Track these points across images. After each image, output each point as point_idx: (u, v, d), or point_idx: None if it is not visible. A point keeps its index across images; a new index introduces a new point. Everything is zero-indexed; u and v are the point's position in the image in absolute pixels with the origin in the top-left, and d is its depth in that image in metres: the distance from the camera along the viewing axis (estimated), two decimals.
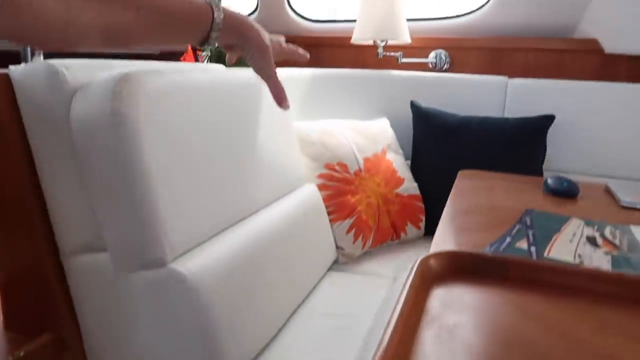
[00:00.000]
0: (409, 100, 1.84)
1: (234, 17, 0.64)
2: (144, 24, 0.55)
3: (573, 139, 1.76)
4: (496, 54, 2.04)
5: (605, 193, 1.16)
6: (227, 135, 1.07)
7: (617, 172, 1.72)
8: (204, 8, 0.61)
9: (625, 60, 1.87)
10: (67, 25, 0.47)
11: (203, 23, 0.61)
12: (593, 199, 1.10)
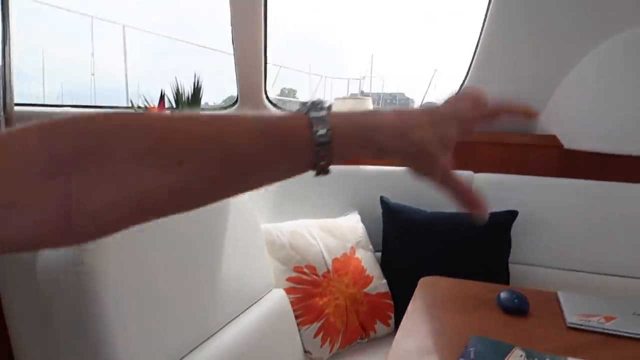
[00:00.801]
0: (380, 194, 1.91)
1: (356, 125, 0.44)
2: (194, 183, 0.37)
3: (536, 233, 1.83)
4: (463, 147, 2.13)
5: (555, 307, 1.21)
6: (188, 257, 1.12)
7: (577, 265, 1.77)
8: (295, 124, 0.41)
9: (584, 155, 1.97)
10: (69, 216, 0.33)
11: (298, 147, 0.41)
12: (542, 316, 1.15)
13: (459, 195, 0.48)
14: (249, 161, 0.39)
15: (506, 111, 0.53)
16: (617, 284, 1.73)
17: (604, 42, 1.81)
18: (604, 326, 1.07)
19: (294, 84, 17.44)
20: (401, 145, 0.44)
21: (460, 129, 0.48)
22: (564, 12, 1.78)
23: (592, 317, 1.11)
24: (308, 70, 14.22)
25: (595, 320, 1.10)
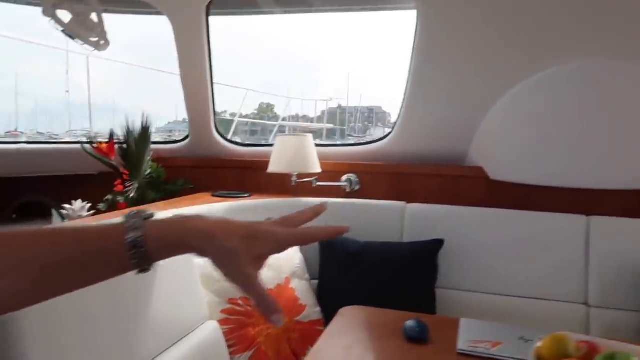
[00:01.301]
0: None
1: (167, 230, 0.52)
2: (24, 286, 0.48)
3: (462, 260, 1.96)
4: (399, 178, 2.28)
5: (454, 333, 1.33)
6: (119, 290, 1.21)
7: (500, 289, 1.91)
8: (112, 232, 0.50)
9: (508, 186, 2.13)
10: None
11: (114, 252, 0.50)
12: (439, 343, 1.27)
13: (256, 303, 0.52)
14: (67, 267, 0.49)
15: (319, 235, 0.57)
16: (534, 306, 1.87)
17: (523, 81, 1.97)
18: (489, 351, 1.20)
19: (273, 99, 17.65)
20: (210, 249, 0.51)
21: (272, 247, 0.54)
22: (487, 52, 1.94)
23: (481, 343, 1.24)
24: (284, 91, 14.37)
25: (482, 346, 1.22)
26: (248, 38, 13.18)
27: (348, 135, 19.65)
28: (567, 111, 1.92)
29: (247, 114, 20.55)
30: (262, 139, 10.35)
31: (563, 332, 1.00)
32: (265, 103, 20.97)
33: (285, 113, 12.38)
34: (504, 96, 2.03)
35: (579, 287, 1.86)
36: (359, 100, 22.62)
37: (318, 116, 15.10)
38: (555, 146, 1.96)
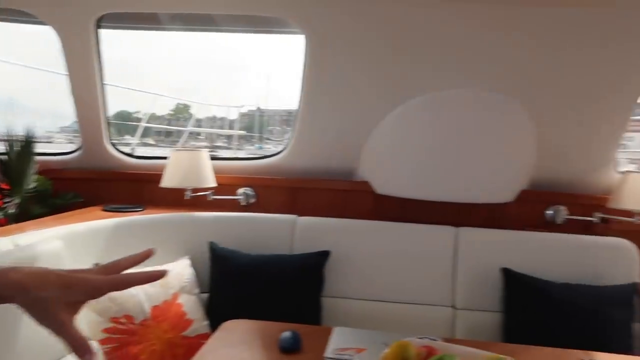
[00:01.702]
0: (210, 240, 2.07)
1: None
2: None
3: (347, 270, 2.09)
4: (293, 192, 2.39)
5: (326, 342, 1.44)
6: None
7: (380, 295, 2.06)
8: None
9: (392, 200, 2.30)
10: None
11: None
12: (310, 352, 1.37)
13: (70, 347, 0.55)
14: None
15: (135, 281, 0.61)
16: (410, 310, 2.04)
17: (403, 104, 2.14)
18: (352, 358, 1.32)
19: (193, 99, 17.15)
20: (22, 300, 0.56)
21: (87, 294, 0.59)
22: (371, 76, 2.08)
23: (347, 351, 1.35)
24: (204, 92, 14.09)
25: (348, 353, 1.34)
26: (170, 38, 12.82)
27: (266, 139, 19.68)
28: (438, 133, 2.11)
29: (163, 115, 19.75)
30: (177, 141, 10.10)
31: (407, 339, 1.13)
32: (182, 104, 20.39)
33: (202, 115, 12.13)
34: (385, 118, 2.18)
35: (447, 292, 2.06)
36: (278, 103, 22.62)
37: (238, 118, 14.93)
38: (430, 164, 2.16)
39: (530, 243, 2.08)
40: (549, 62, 1.93)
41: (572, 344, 1.55)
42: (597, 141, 2.15)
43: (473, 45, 1.91)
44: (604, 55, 1.88)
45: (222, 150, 12.14)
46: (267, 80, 16.38)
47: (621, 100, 2.02)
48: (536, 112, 2.05)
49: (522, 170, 2.21)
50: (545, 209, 2.28)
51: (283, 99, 14.01)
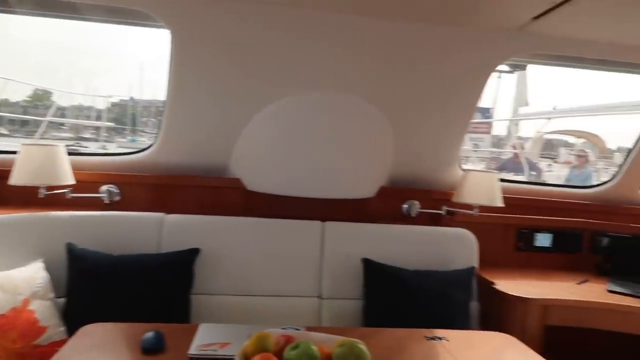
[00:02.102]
0: (68, 241, 1.94)
1: None
2: None
3: (218, 266, 2.10)
4: (161, 190, 2.32)
5: (191, 339, 1.44)
6: None
7: (250, 290, 2.11)
8: None
9: (262, 196, 2.36)
10: None
11: None
12: (174, 351, 1.37)
13: None
14: None
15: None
16: (279, 303, 2.11)
17: (272, 104, 2.20)
18: (216, 353, 1.34)
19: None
20: None
21: None
22: (240, 74, 2.09)
23: (211, 346, 1.38)
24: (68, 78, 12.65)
25: (212, 348, 1.37)
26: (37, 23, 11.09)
27: (140, 132, 18.55)
28: (304, 133, 2.21)
29: (18, 101, 17.63)
30: (36, 131, 9.13)
31: (267, 330, 1.19)
32: (42, 90, 18.22)
33: (65, 103, 11.12)
34: (255, 116, 2.21)
35: (314, 283, 2.17)
36: (153, 93, 21.47)
37: (108, 107, 13.99)
38: (297, 163, 2.25)
39: (389, 234, 2.28)
40: (402, 72, 2.12)
41: (422, 324, 1.75)
42: (444, 143, 2.42)
43: (334, 52, 2.02)
44: (445, 67, 2.12)
45: (89, 142, 11.24)
46: (141, 69, 15.24)
47: (462, 107, 2.30)
48: (393, 117, 2.24)
49: (381, 168, 2.41)
50: (402, 203, 2.51)
51: (160, 90, 13.35)
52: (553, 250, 2.57)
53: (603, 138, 11.92)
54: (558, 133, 13.87)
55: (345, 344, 1.11)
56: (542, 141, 12.67)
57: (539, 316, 2.04)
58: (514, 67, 12.25)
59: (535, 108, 15.25)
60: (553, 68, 2.64)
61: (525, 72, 12.32)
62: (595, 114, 12.80)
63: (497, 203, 2.35)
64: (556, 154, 14.49)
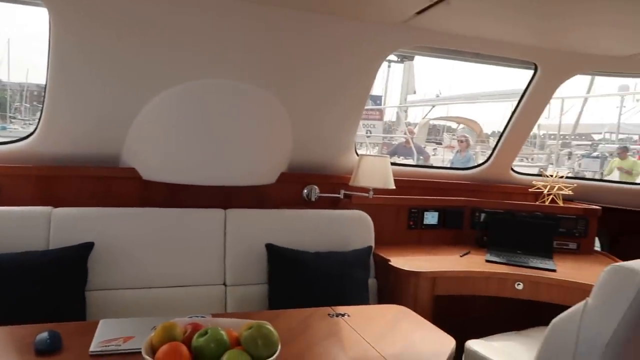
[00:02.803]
0: None
1: None
2: None
3: (115, 260, 2.00)
4: (46, 182, 2.16)
5: (92, 337, 1.38)
6: None
7: (152, 282, 2.05)
8: None
9: (160, 186, 2.28)
10: None
11: None
12: (73, 350, 1.31)
13: None
14: None
15: None
16: (184, 293, 2.08)
17: (166, 90, 2.11)
18: (120, 347, 1.31)
19: None
20: None
21: None
22: (130, 59, 1.98)
23: (113, 341, 1.33)
24: None
25: (114, 343, 1.33)
26: None
27: (11, 118, 16.68)
28: (201, 121, 2.18)
29: None
30: None
31: (172, 320, 1.19)
32: None
33: None
34: (149, 102, 2.12)
35: (218, 271, 2.16)
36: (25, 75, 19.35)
37: None
38: (195, 150, 2.21)
39: (290, 219, 2.34)
40: (298, 61, 2.18)
41: (325, 303, 1.83)
42: (340, 129, 2.53)
43: (230, 38, 2.01)
44: (338, 57, 2.21)
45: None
46: (8, 46, 13.57)
47: (355, 95, 2.41)
48: (290, 104, 2.29)
49: (281, 155, 2.45)
50: (302, 188, 2.58)
51: (34, 71, 11.93)
52: (440, 227, 2.81)
53: (480, 124, 13.09)
54: (441, 119, 15.00)
55: (252, 326, 1.14)
56: (427, 127, 13.62)
57: (429, 288, 2.23)
58: (402, 57, 12.96)
59: (422, 96, 16.33)
60: (437, 59, 2.86)
61: (412, 63, 13.11)
62: (474, 102, 14.02)
63: (389, 185, 2.52)
64: (441, 139, 15.65)
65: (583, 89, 12.07)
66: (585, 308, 1.52)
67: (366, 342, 1.50)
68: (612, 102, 11.66)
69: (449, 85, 24.91)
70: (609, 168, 9.41)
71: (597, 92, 12.82)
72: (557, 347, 1.57)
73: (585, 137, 14.66)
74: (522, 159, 13.46)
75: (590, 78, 12.03)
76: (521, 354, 1.90)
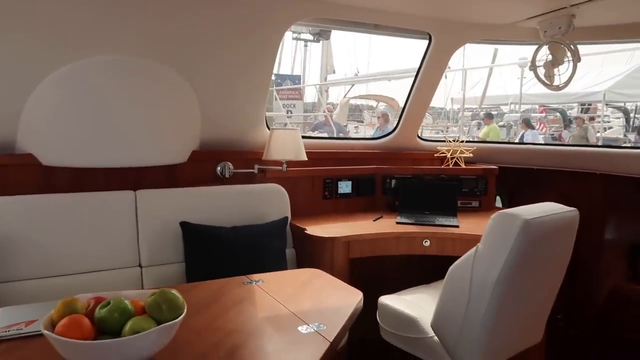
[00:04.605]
0: None
1: None
2: None
3: (19, 250, 1.91)
4: None
5: None
6: None
7: (61, 270, 1.98)
8: None
9: (64, 171, 2.19)
10: None
11: None
12: None
13: None
14: None
15: None
16: (97, 279, 2.04)
17: (59, 69, 2.00)
18: (21, 331, 1.27)
19: None
20: None
21: None
22: (20, 38, 1.87)
23: (14, 326, 1.30)
24: None
25: (15, 328, 1.29)
26: None
27: None
28: (101, 100, 2.10)
29: None
30: None
31: (73, 297, 1.17)
32: None
33: None
34: (41, 83, 2.01)
35: (132, 253, 2.13)
36: None
37: None
38: (98, 131, 2.14)
39: (204, 197, 2.34)
40: (200, 37, 2.16)
41: (243, 275, 1.87)
42: (249, 104, 2.54)
43: (125, 13, 1.95)
44: (240, 32, 2.22)
45: None
46: None
47: (259, 70, 2.43)
48: (194, 82, 2.27)
49: (190, 133, 2.43)
50: (215, 166, 2.58)
51: None
52: (354, 196, 2.93)
53: (398, 100, 13.56)
54: (361, 98, 15.34)
55: (156, 292, 1.15)
56: (348, 106, 13.88)
57: (344, 252, 2.34)
58: (318, 36, 13.03)
59: (342, 75, 16.57)
60: (354, 37, 2.95)
61: (329, 42, 13.26)
62: (390, 78, 14.43)
63: (302, 157, 2.58)
64: (362, 117, 16.03)
65: (488, 61, 12.83)
66: (477, 253, 1.68)
67: (278, 302, 1.56)
68: (515, 73, 12.48)
69: (367, 64, 25.40)
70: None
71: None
72: (455, 290, 1.72)
73: (494, 108, 15.62)
74: (438, 131, 14.16)
75: (494, 51, 12.81)
76: (428, 304, 2.05)
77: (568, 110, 13.21)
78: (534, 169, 3.18)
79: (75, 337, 1.01)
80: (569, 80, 2.28)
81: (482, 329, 1.63)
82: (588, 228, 2.88)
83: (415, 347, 1.89)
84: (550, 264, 1.79)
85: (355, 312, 1.53)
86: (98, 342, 1.03)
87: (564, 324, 2.96)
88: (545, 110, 13.44)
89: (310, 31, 12.88)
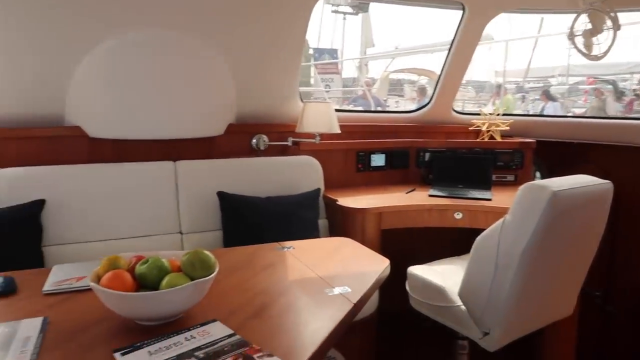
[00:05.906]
0: None
1: None
2: None
3: (69, 215, 2.06)
4: None
5: (44, 280, 1.46)
6: None
7: (107, 235, 2.12)
8: None
9: (108, 142, 2.32)
10: None
11: None
12: (27, 291, 1.39)
13: None
14: None
15: None
16: (140, 244, 2.15)
17: (103, 43, 2.10)
18: (72, 286, 1.40)
19: None
20: None
21: None
22: (58, 15, 1.97)
23: (66, 282, 1.42)
24: None
25: (67, 283, 1.41)
26: None
27: None
28: (144, 73, 2.20)
29: None
30: None
31: (117, 254, 1.27)
32: None
33: None
34: (87, 56, 2.11)
35: (173, 220, 2.25)
36: None
37: None
38: (141, 104, 2.24)
39: (240, 168, 2.43)
40: (236, 11, 2.20)
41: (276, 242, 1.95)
42: (282, 78, 2.59)
43: None
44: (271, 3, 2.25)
45: None
46: None
47: (291, 44, 2.47)
48: (230, 57, 2.33)
49: (226, 107, 2.51)
50: (251, 138, 2.65)
51: None
52: (387, 168, 2.95)
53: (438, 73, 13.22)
54: (401, 72, 15.05)
55: (190, 252, 1.24)
56: (388, 80, 13.67)
57: (375, 223, 2.38)
58: (357, 8, 12.77)
59: (382, 49, 16.29)
60: (393, 10, 2.92)
61: (368, 14, 13.03)
62: (432, 51, 14.07)
63: (335, 130, 2.62)
64: (402, 92, 15.76)
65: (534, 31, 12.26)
66: (504, 224, 1.68)
67: (307, 267, 1.63)
68: (562, 44, 11.89)
69: (407, 36, 24.81)
70: None
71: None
72: (481, 260, 1.74)
73: (542, 80, 15.00)
74: (480, 105, 13.77)
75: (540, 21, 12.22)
76: (457, 275, 2.07)
77: (620, 82, 12.54)
78: (574, 142, 3.09)
79: (118, 289, 1.11)
80: (609, 49, 2.20)
81: (509, 299, 1.65)
82: (631, 204, 2.81)
83: (444, 315, 1.92)
84: (580, 237, 1.77)
85: (380, 278, 1.58)
86: (138, 294, 1.13)
87: (601, 300, 2.92)
88: (594, 82, 12.80)
89: (350, 3, 12.69)
